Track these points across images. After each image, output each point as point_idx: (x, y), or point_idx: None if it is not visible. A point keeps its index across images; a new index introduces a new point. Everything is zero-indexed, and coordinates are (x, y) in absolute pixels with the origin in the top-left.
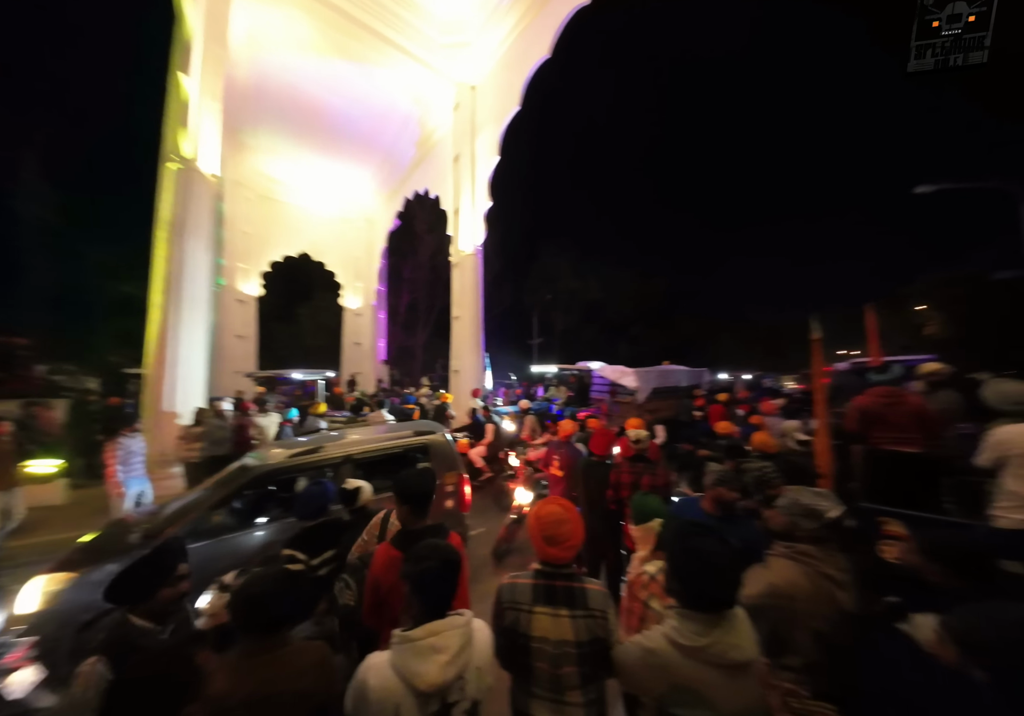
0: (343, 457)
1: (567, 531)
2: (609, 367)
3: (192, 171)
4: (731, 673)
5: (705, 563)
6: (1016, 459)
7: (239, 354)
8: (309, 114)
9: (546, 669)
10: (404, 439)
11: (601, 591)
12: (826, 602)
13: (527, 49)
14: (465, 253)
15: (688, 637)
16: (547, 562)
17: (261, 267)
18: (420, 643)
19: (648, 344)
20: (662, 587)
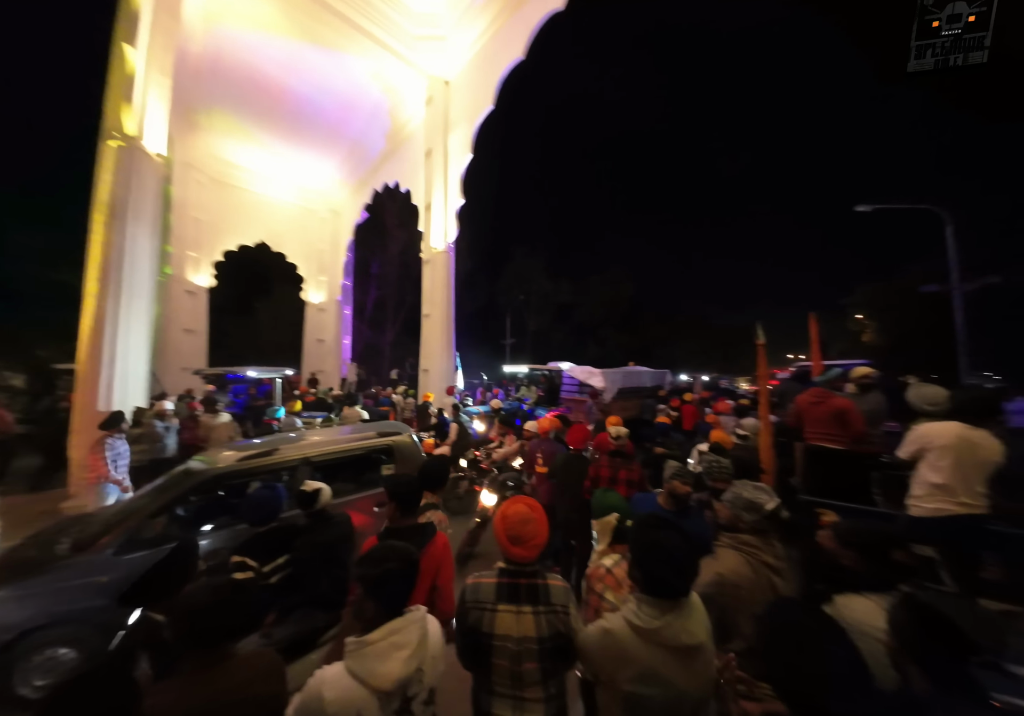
0: (300, 460)
1: (531, 530)
2: (578, 368)
3: (135, 150)
4: (683, 655)
5: (663, 553)
6: (932, 453)
7: (187, 350)
8: (270, 96)
9: (507, 666)
10: (367, 440)
11: (563, 586)
12: (766, 589)
13: (501, 49)
14: (437, 250)
15: (644, 620)
16: (511, 561)
17: (214, 256)
18: (380, 644)
19: (614, 345)
20: (617, 580)
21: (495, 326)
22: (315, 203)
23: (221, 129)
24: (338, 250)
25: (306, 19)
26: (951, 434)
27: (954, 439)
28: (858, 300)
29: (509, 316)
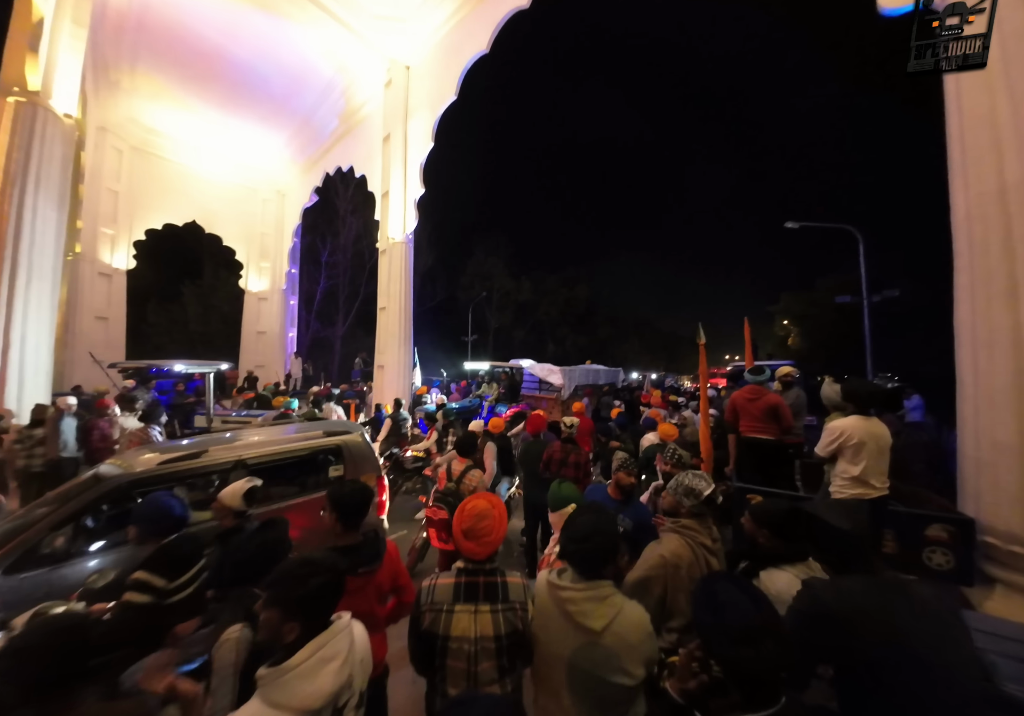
0: (233, 462)
1: (486, 526)
2: (538, 365)
3: (39, 108)
4: (574, 629)
5: (571, 533)
6: (848, 449)
7: (99, 339)
8: (206, 60)
9: (463, 668)
10: (312, 440)
11: (521, 583)
12: (703, 568)
13: (465, 40)
14: (395, 240)
15: (555, 576)
16: (467, 558)
17: (133, 235)
18: (305, 665)
19: (572, 344)
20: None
21: (456, 322)
22: (258, 182)
23: (147, 92)
24: (283, 235)
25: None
26: (861, 430)
27: (864, 434)
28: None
29: (471, 312)
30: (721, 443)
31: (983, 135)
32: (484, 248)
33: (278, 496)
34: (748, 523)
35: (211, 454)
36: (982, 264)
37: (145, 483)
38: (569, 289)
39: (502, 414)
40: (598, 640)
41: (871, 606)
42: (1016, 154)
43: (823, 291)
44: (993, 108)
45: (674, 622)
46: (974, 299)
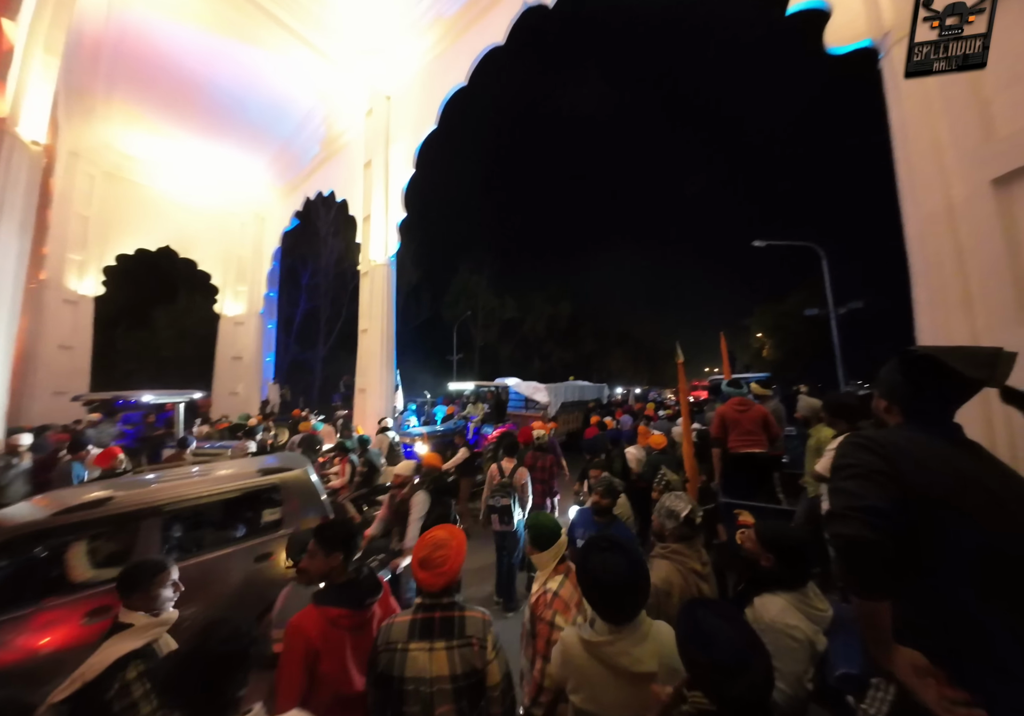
0: (147, 510)
1: (441, 556)
2: (524, 383)
3: (5, 134)
4: (626, 680)
5: (599, 582)
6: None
7: (63, 370)
8: (183, 88)
9: (419, 714)
10: (243, 480)
11: (480, 618)
12: (693, 594)
13: (444, 72)
14: (376, 263)
15: (590, 633)
16: (424, 591)
17: (104, 261)
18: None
19: (557, 360)
20: (564, 602)
21: (441, 341)
22: (236, 206)
23: (122, 118)
24: (262, 258)
25: (228, 10)
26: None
27: None
28: (757, 320)
29: (456, 331)
30: (704, 457)
31: (928, 160)
32: (468, 267)
33: (199, 546)
34: (752, 544)
35: (118, 501)
36: (937, 279)
37: (34, 538)
38: (553, 305)
39: (488, 435)
40: (653, 680)
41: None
42: (959, 177)
43: (793, 304)
44: (935, 135)
45: None
46: (933, 312)
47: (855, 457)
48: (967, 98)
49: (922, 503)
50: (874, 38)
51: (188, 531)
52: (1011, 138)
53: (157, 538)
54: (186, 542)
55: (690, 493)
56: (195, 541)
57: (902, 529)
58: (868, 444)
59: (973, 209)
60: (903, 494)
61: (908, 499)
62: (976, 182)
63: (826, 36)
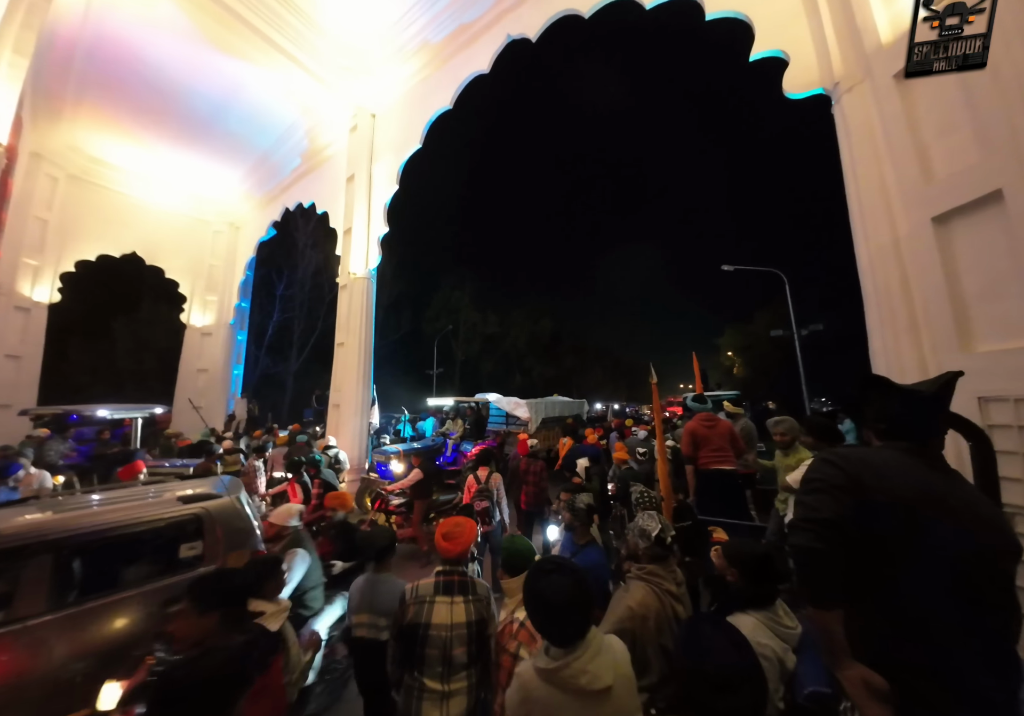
0: (37, 543)
1: (459, 531)
2: (504, 399)
3: None
4: (586, 699)
5: (543, 603)
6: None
7: (7, 380)
8: (159, 95)
9: (438, 654)
10: (158, 509)
11: (485, 584)
12: (670, 618)
13: (430, 95)
14: (356, 276)
15: (545, 661)
16: (445, 559)
17: (62, 266)
18: None
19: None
20: (530, 633)
21: (421, 355)
22: (209, 214)
23: (91, 122)
24: (235, 268)
25: (211, 22)
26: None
27: None
28: (727, 340)
29: (436, 345)
30: (678, 473)
31: (876, 198)
32: (450, 282)
33: (96, 588)
34: (719, 559)
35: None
36: (887, 305)
37: None
38: (534, 321)
39: (468, 452)
40: (609, 694)
41: (885, 464)
42: (903, 214)
43: (760, 325)
44: (881, 175)
45: (643, 680)
46: (884, 335)
47: (820, 471)
48: (908, 143)
49: (892, 509)
50: (826, 87)
51: (87, 569)
52: (948, 180)
53: (46, 578)
54: (82, 582)
55: (665, 511)
56: (93, 581)
57: (864, 538)
58: (834, 459)
59: (916, 243)
60: (869, 502)
61: (876, 506)
62: (918, 219)
63: (784, 83)
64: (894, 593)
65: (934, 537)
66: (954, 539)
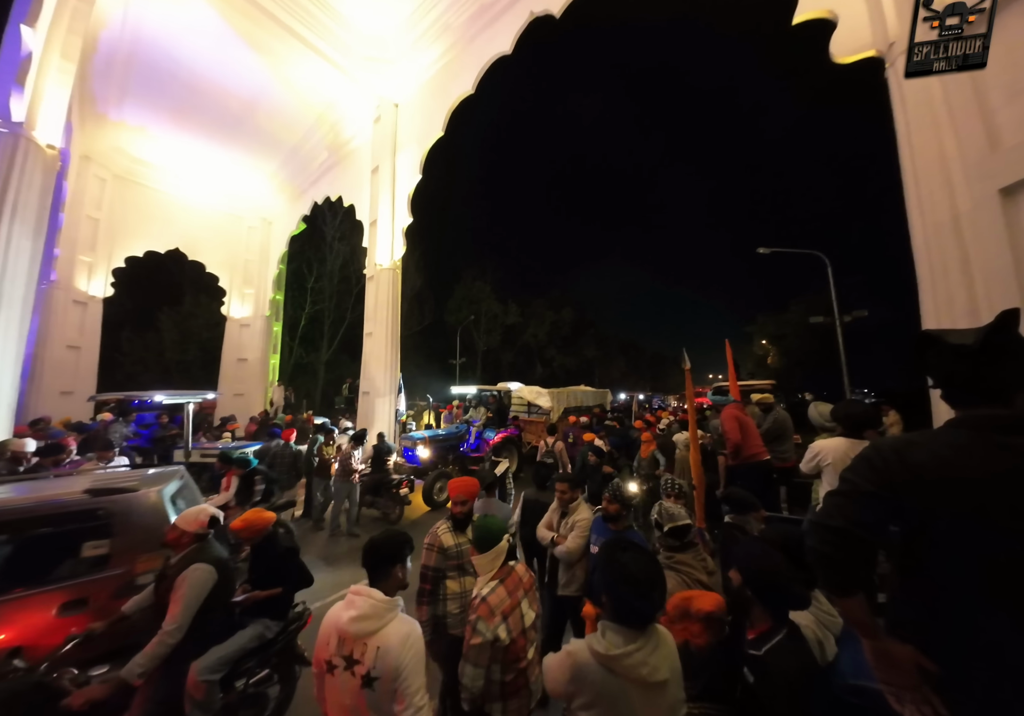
0: None
1: (464, 488)
2: (526, 388)
3: (21, 138)
4: (642, 690)
5: (630, 578)
6: (830, 468)
7: (68, 370)
8: (194, 94)
9: (456, 564)
10: (55, 502)
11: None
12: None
13: (451, 81)
14: (382, 267)
15: (605, 646)
16: (456, 502)
17: (113, 262)
18: None
19: (559, 366)
20: (490, 608)
21: (444, 345)
22: (244, 210)
23: (133, 123)
24: (268, 261)
25: (243, 20)
26: (840, 451)
27: (841, 455)
28: (759, 328)
29: (459, 336)
30: (710, 465)
31: (934, 170)
32: (472, 272)
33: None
34: (737, 579)
35: None
36: (943, 288)
37: None
38: (555, 312)
39: (491, 440)
40: (665, 686)
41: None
42: (964, 187)
43: (796, 312)
44: (941, 145)
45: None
46: (939, 321)
47: (854, 471)
48: (972, 109)
49: (925, 514)
50: (879, 49)
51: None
52: (1018, 149)
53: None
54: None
55: (697, 502)
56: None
57: (891, 539)
58: (874, 457)
59: (979, 219)
60: (899, 507)
61: (915, 508)
62: (982, 192)
63: (832, 47)
64: (931, 587)
65: (984, 537)
66: (1008, 538)
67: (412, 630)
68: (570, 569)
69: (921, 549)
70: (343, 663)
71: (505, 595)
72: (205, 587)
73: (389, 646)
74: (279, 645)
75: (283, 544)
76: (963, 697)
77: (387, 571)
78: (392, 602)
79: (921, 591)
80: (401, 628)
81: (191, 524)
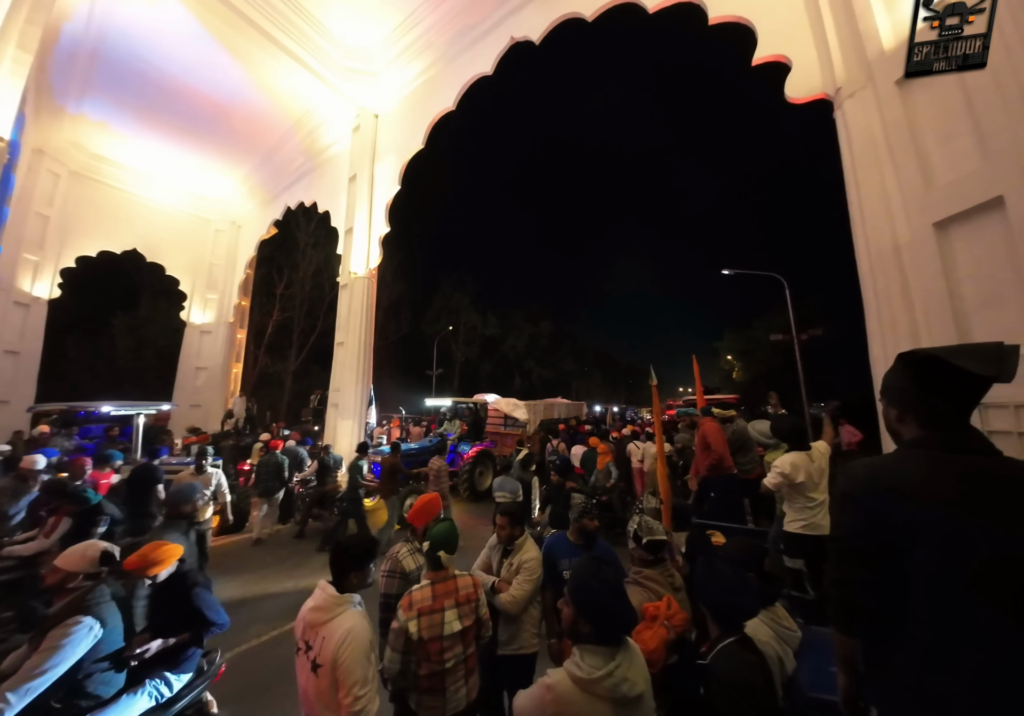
0: None
1: (426, 507)
2: (503, 400)
3: None
4: (622, 706)
5: (609, 592)
6: (794, 486)
7: (4, 377)
8: (164, 95)
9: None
10: None
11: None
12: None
13: (433, 97)
14: (357, 275)
15: (586, 670)
16: (413, 526)
17: (62, 262)
18: None
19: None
20: (410, 601)
21: (421, 356)
22: (211, 212)
23: (95, 119)
24: (236, 266)
25: (219, 23)
26: (799, 469)
27: (803, 473)
28: (726, 344)
29: (436, 346)
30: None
31: (876, 204)
32: (451, 283)
33: None
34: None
35: None
36: (887, 312)
37: None
38: (534, 324)
39: (465, 454)
40: (642, 699)
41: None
42: (904, 220)
43: (759, 329)
44: (883, 181)
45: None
46: (884, 341)
47: (842, 514)
48: (909, 150)
49: (912, 544)
50: (827, 92)
51: None
52: (949, 187)
53: None
54: None
55: (664, 516)
56: None
57: (888, 579)
58: (854, 494)
59: (917, 250)
60: (894, 540)
61: (905, 542)
62: (919, 225)
63: (787, 87)
64: (915, 632)
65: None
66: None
67: (355, 625)
68: (514, 622)
69: (918, 584)
70: (304, 647)
71: (430, 596)
72: (82, 644)
73: (332, 637)
74: (183, 703)
75: (191, 580)
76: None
77: (344, 573)
78: (342, 598)
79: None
80: (345, 622)
81: (76, 563)
